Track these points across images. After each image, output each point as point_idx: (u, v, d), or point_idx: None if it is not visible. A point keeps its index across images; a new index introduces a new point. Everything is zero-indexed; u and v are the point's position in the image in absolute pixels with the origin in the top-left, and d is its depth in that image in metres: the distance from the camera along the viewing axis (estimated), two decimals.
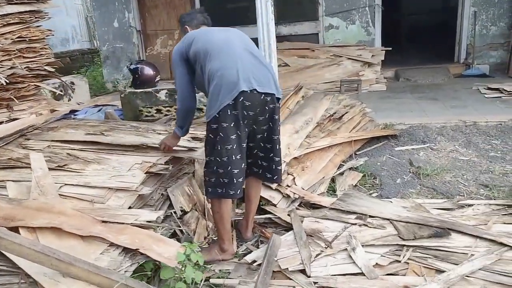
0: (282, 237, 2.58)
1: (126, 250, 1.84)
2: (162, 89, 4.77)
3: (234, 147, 2.28)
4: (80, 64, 10.67)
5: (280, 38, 7.79)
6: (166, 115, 4.89)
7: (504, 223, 2.55)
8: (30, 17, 3.65)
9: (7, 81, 3.38)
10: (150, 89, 4.77)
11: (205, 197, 2.81)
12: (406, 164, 3.61)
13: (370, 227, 2.54)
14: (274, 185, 3.03)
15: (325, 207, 2.88)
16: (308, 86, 6.63)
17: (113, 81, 8.20)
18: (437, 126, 4.29)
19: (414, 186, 3.28)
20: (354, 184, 3.36)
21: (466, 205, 2.88)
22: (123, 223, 1.96)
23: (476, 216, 2.67)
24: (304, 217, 2.77)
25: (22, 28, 3.51)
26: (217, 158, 2.29)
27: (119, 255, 1.79)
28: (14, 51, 3.50)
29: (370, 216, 2.66)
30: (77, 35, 14.84)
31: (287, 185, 3.10)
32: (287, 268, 2.24)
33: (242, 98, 2.22)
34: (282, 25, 7.84)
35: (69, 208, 1.98)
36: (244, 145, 2.35)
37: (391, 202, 2.92)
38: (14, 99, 3.56)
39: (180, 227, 2.70)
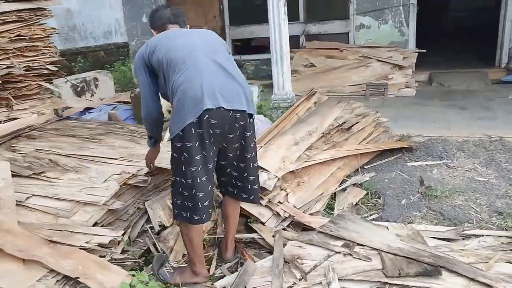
0: (259, 262, 2.40)
1: (68, 277, 1.73)
2: None
3: (199, 169, 2.11)
4: (114, 58, 10.81)
5: (309, 37, 7.55)
6: None
7: (509, 262, 2.23)
8: (30, 15, 3.60)
9: (0, 81, 3.34)
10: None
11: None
12: (416, 183, 3.30)
13: (355, 257, 2.31)
14: (264, 201, 2.86)
15: (314, 229, 2.67)
16: (333, 88, 6.39)
17: None
18: (458, 140, 3.93)
19: (420, 209, 2.99)
20: (354, 203, 3.11)
21: (472, 235, 2.58)
22: (72, 245, 1.85)
23: (478, 250, 2.37)
24: (289, 239, 2.57)
25: (21, 27, 3.46)
26: (182, 179, 2.13)
27: (57, 283, 1.68)
28: (12, 49, 3.46)
29: (358, 244, 2.42)
30: (120, 28, 15.06)
31: (279, 202, 2.91)
32: None
33: (207, 116, 2.04)
34: (312, 23, 7.57)
35: (17, 226, 1.89)
36: (211, 165, 2.17)
37: (387, 227, 2.66)
38: (11, 98, 3.54)
39: (155, 244, 2.58)
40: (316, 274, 2.20)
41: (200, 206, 2.14)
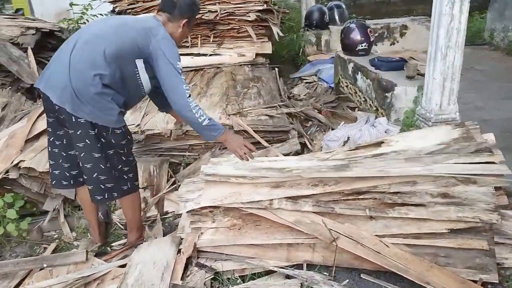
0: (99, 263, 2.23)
1: None
2: (352, 61, 3.50)
3: (51, 140, 2.16)
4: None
5: None
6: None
7: None
8: None
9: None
10: (346, 56, 3.57)
11: None
12: None
13: None
14: (187, 220, 2.32)
15: None
16: None
17: (492, 30, 5.92)
18: None
19: None
20: None
21: None
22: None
23: None
24: None
25: None
26: None
27: None
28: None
29: None
30: None
31: (199, 228, 2.27)
32: None
33: (41, 94, 2.03)
34: None
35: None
36: (59, 142, 2.14)
37: None
38: (211, 35, 4.00)
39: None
40: None
41: (51, 171, 2.23)
